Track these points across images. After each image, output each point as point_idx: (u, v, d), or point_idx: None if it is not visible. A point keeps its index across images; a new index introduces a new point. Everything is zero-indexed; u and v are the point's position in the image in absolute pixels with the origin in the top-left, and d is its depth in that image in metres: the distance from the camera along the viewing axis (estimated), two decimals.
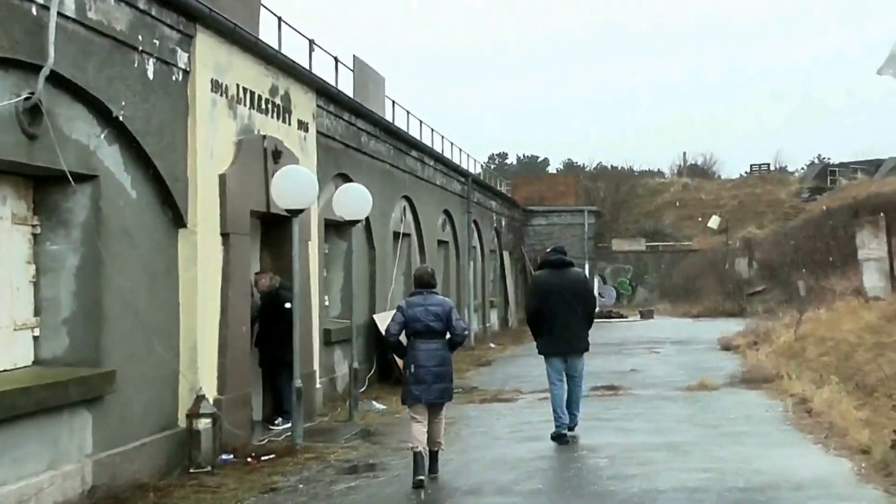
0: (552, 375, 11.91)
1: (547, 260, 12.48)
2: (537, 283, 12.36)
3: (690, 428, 12.12)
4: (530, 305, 12.28)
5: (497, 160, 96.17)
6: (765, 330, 23.12)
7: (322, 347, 15.57)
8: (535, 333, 12.09)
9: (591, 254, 45.75)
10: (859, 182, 59.04)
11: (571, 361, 11.97)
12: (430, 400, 9.56)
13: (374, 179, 18.80)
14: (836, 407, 11.86)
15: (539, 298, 11.90)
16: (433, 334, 9.60)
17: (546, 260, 12.57)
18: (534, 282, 12.65)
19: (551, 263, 12.19)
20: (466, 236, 28.89)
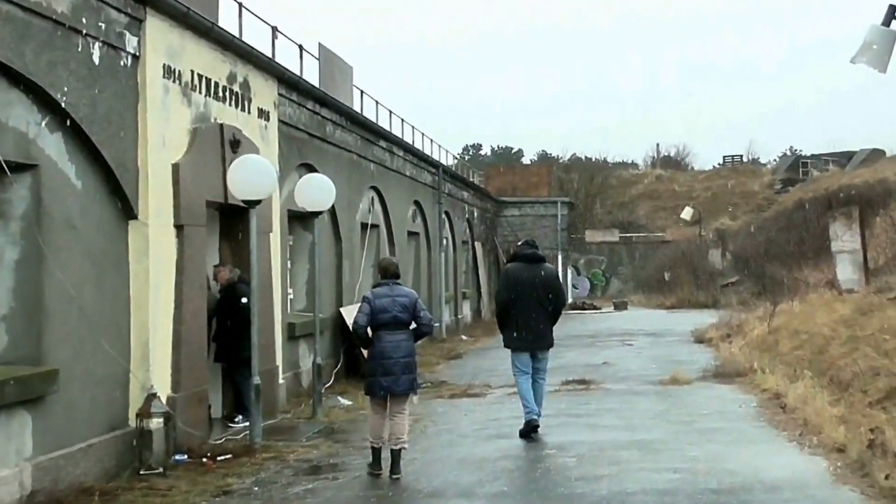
0: (518, 369, 11.76)
1: (519, 253, 12.21)
2: (508, 276, 12.10)
3: (662, 424, 11.79)
4: (500, 297, 12.05)
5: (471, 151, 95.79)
6: (738, 322, 22.88)
7: (285, 342, 15.15)
8: (502, 326, 11.94)
9: (565, 245, 45.45)
10: (831, 173, 59.05)
11: (537, 357, 11.76)
12: (399, 391, 9.47)
13: (341, 170, 18.37)
14: (810, 403, 11.56)
15: (509, 291, 11.71)
16: (400, 325, 9.52)
17: (518, 253, 12.31)
18: (505, 274, 12.35)
19: (524, 257, 11.95)
20: (437, 227, 28.49)
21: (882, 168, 48.95)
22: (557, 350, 22.62)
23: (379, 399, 9.56)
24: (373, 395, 9.62)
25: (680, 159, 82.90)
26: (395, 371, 9.43)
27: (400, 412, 9.59)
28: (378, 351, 9.50)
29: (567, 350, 22.56)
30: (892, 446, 8.49)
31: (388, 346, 9.47)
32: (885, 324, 12.96)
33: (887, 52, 11.99)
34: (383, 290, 9.69)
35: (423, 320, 9.70)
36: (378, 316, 9.49)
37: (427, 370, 19.33)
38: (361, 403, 14.50)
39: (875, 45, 11.99)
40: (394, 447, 9.49)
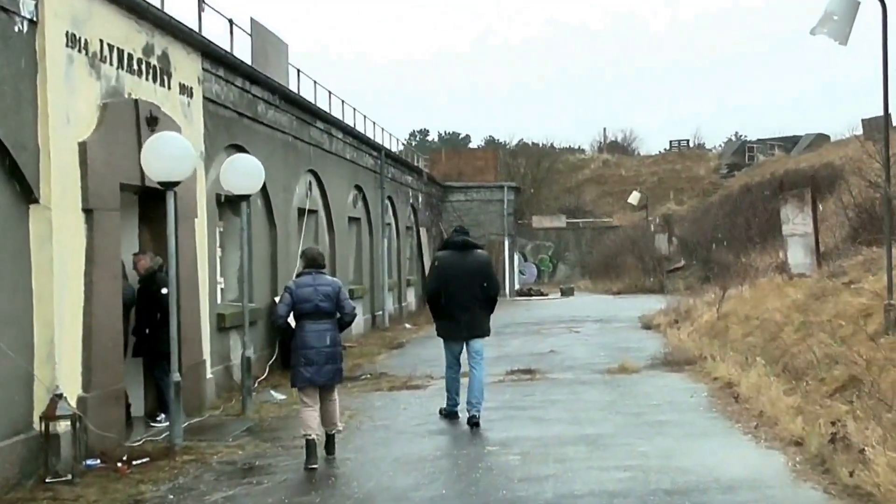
0: (448, 359, 11.62)
1: (450, 241, 11.94)
2: (438, 265, 11.78)
3: (611, 417, 11.17)
4: (429, 287, 11.88)
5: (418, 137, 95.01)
6: (686, 308, 22.42)
7: (215, 334, 14.32)
8: (435, 316, 11.78)
9: (512, 230, 44.86)
10: (777, 158, 59.29)
11: (471, 346, 11.48)
12: (322, 382, 9.44)
13: (275, 151, 17.53)
14: (764, 392, 11.01)
15: (439, 280, 11.51)
16: (323, 315, 9.48)
17: (448, 241, 12.04)
18: (434, 262, 11.86)
19: (454, 244, 11.70)
20: (380, 213, 27.69)
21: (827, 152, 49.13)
22: (502, 338, 22.27)
23: (307, 389, 9.48)
24: (298, 386, 9.56)
25: (626, 144, 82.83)
26: (317, 361, 9.36)
27: (330, 399, 9.65)
28: (301, 341, 9.43)
29: (512, 338, 21.99)
30: (855, 440, 7.91)
31: (311, 335, 9.40)
32: (840, 309, 12.44)
33: (848, 24, 11.50)
34: (306, 280, 9.64)
35: (346, 310, 9.69)
36: (300, 306, 9.43)
37: (368, 361, 18.62)
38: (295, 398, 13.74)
39: (836, 15, 11.51)
40: (329, 431, 9.67)
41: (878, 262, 13.63)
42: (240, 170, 12.64)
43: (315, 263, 9.83)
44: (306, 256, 10.06)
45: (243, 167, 12.69)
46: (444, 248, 11.89)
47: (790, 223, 17.48)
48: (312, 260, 9.89)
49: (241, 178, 12.63)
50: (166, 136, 10.36)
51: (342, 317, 9.67)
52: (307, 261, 9.92)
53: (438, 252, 11.99)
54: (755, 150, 66.14)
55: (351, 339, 22.35)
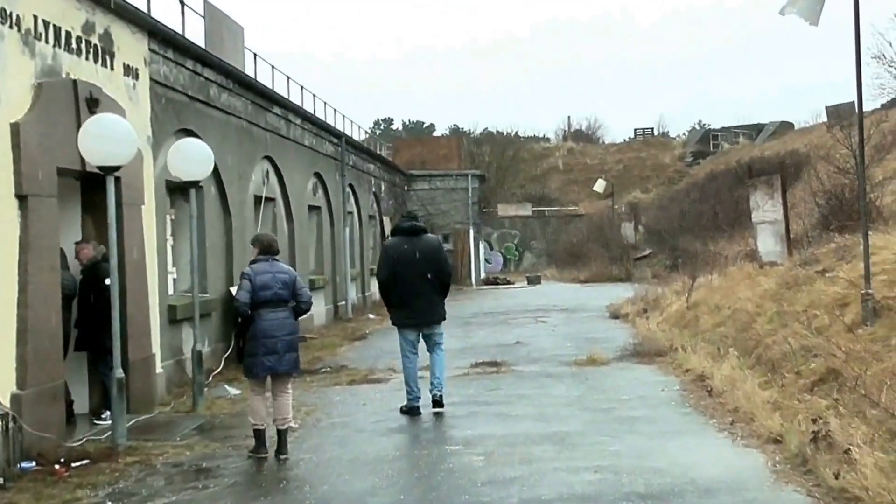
0: (404, 348, 11.40)
1: (398, 227, 11.64)
2: (387, 252, 11.49)
3: (579, 413, 10.66)
4: (380, 275, 11.49)
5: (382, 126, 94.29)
6: (654, 297, 22.01)
7: (166, 326, 13.70)
8: (388, 304, 11.55)
9: (476, 219, 44.31)
10: (741, 146, 59.25)
11: (427, 333, 11.37)
12: (282, 370, 9.23)
13: (228, 137, 16.87)
14: (738, 386, 10.55)
15: (389, 267, 11.25)
16: (281, 303, 9.28)
17: (397, 227, 11.70)
18: (384, 250, 11.69)
19: (403, 230, 11.45)
20: (341, 201, 27.04)
21: (791, 140, 49.05)
22: (467, 329, 21.75)
23: (260, 380, 9.30)
24: (254, 376, 9.28)
25: (591, 132, 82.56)
26: (278, 350, 9.16)
27: (284, 392, 9.36)
28: (261, 329, 9.16)
29: (478, 328, 21.48)
30: (839, 439, 7.45)
31: (271, 323, 9.17)
32: (814, 299, 12.01)
33: (819, 3, 11.04)
34: (263, 267, 9.37)
35: (304, 297, 9.50)
36: (259, 293, 9.16)
37: (328, 353, 18.02)
38: None
39: None
40: (280, 427, 9.23)
41: (851, 250, 13.24)
42: (188, 155, 11.98)
43: (271, 250, 9.55)
44: (261, 243, 9.71)
45: (191, 152, 12.04)
46: (393, 235, 11.57)
47: (760, 210, 17.06)
48: (269, 246, 9.58)
49: (189, 164, 11.98)
50: (105, 119, 9.70)
51: (299, 304, 9.44)
52: (262, 247, 9.58)
53: (388, 238, 11.62)
54: (719, 139, 66.06)
55: (312, 331, 21.74)
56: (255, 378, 9.31)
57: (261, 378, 9.29)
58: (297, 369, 9.57)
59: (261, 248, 9.61)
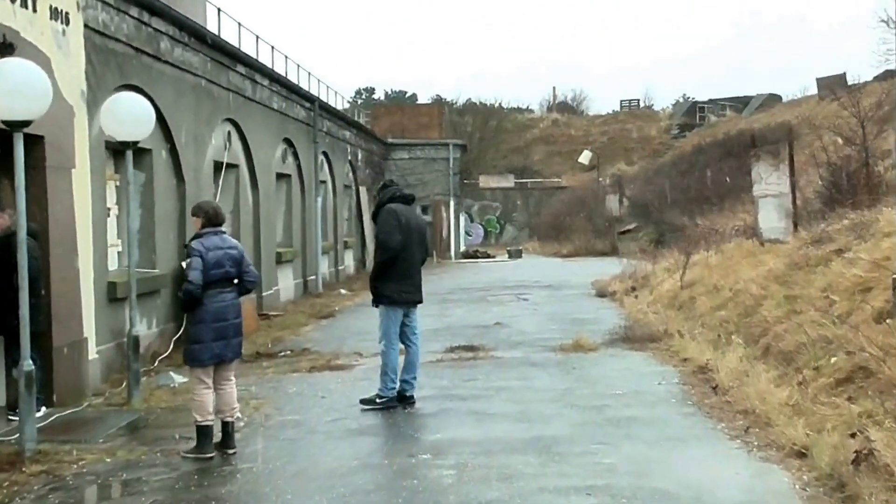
0: (392, 330, 10.02)
1: (398, 193, 10.22)
2: (398, 217, 9.97)
3: (566, 412, 9.26)
4: (393, 241, 9.86)
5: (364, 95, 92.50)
6: (643, 274, 20.69)
7: (104, 306, 12.25)
8: (384, 277, 10.02)
9: (457, 190, 42.83)
10: (728, 118, 58.06)
11: (411, 314, 10.22)
12: (230, 357, 8.30)
13: (183, 96, 15.36)
14: (749, 382, 9.21)
15: (403, 234, 9.84)
16: (230, 282, 8.29)
17: (398, 193, 10.22)
18: (394, 214, 9.98)
19: (403, 198, 10.19)
20: (313, 169, 25.51)
21: (780, 112, 47.77)
22: (445, 306, 20.30)
23: (207, 368, 8.19)
24: (201, 364, 8.16)
25: (576, 104, 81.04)
26: (228, 334, 8.21)
27: (229, 379, 8.38)
28: (210, 312, 8.10)
29: (456, 306, 20.10)
30: (887, 459, 6.09)
31: (221, 306, 8.17)
32: (831, 282, 10.65)
33: None
34: (215, 241, 8.26)
35: (251, 276, 8.48)
36: (211, 272, 8.10)
37: (292, 333, 16.62)
38: None
39: None
40: (228, 419, 8.27)
41: (870, 227, 11.89)
42: (123, 112, 10.45)
43: (218, 220, 8.44)
44: (206, 213, 8.42)
45: (128, 109, 10.51)
46: (393, 201, 10.06)
47: (762, 182, 15.68)
48: (215, 216, 8.43)
49: (125, 123, 10.45)
50: (12, 65, 8.18)
51: (245, 284, 8.42)
52: (209, 218, 8.39)
53: (391, 204, 10.04)
54: (706, 111, 64.78)
55: (277, 308, 20.33)
56: (201, 366, 8.16)
57: (208, 366, 8.19)
58: (239, 356, 8.60)
59: (206, 219, 8.38)
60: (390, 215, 9.87)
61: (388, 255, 9.81)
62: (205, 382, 8.17)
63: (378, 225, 9.93)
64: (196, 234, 8.33)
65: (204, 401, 8.12)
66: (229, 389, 8.34)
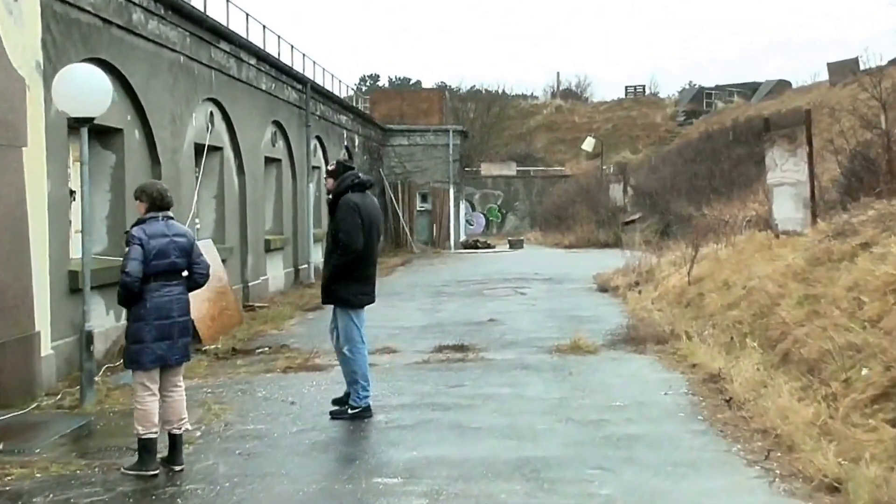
0: (358, 334, 8.96)
1: (358, 180, 9.05)
2: (360, 212, 8.88)
3: (560, 427, 8.24)
4: (356, 243, 8.78)
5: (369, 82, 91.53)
6: (647, 267, 19.66)
7: (64, 296, 11.28)
8: (348, 277, 8.84)
9: (457, 178, 41.75)
10: (736, 105, 56.87)
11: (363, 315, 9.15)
12: (175, 360, 7.34)
13: (159, 73, 14.35)
14: (768, 396, 8.21)
15: (365, 233, 8.82)
16: (176, 274, 7.36)
17: (358, 180, 9.05)
18: (355, 209, 8.89)
19: (361, 185, 9.02)
20: (305, 154, 24.48)
21: (790, 98, 46.60)
22: (438, 301, 19.25)
23: (150, 372, 7.23)
24: (142, 367, 7.20)
25: (580, 90, 79.81)
26: (172, 334, 7.25)
27: (177, 385, 7.47)
28: (153, 308, 7.17)
29: (450, 300, 19.10)
30: None
31: (166, 301, 7.23)
32: (858, 280, 9.62)
33: None
34: (159, 228, 7.29)
35: (202, 268, 7.54)
36: (154, 262, 7.17)
37: (274, 326, 15.64)
38: None
39: None
40: (175, 431, 7.35)
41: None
42: (76, 86, 9.46)
43: (164, 204, 7.42)
44: (150, 195, 7.41)
45: (82, 83, 9.51)
46: (352, 190, 8.95)
47: (778, 169, 14.62)
48: (160, 199, 7.42)
49: (78, 98, 9.47)
50: None
51: (195, 277, 7.49)
52: (153, 200, 7.39)
53: (351, 195, 8.92)
54: (713, 97, 63.55)
55: (264, 299, 19.36)
56: (142, 370, 7.19)
57: (150, 370, 7.22)
58: (188, 357, 7.60)
59: (150, 202, 7.39)
60: (353, 211, 8.79)
61: (349, 257, 8.77)
62: (148, 389, 7.21)
63: (339, 222, 8.81)
64: (138, 220, 7.36)
65: (147, 410, 7.16)
66: (177, 397, 7.41)
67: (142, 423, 7.12)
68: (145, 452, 7.13)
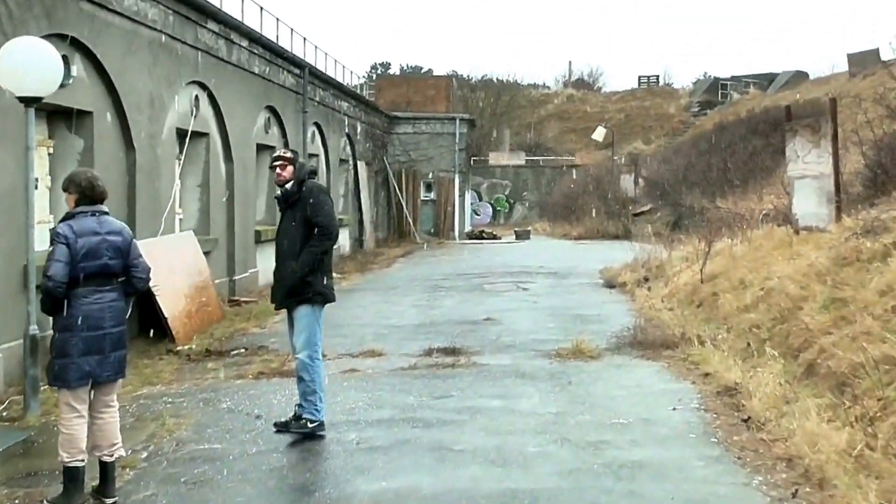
0: (318, 336, 7.98)
1: (314, 168, 8.50)
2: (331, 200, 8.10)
3: (555, 450, 7.22)
4: (336, 228, 8.02)
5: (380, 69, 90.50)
6: (657, 262, 18.63)
7: (17, 294, 10.31)
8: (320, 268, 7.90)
9: (463, 167, 40.70)
10: (752, 96, 55.61)
11: None
12: (106, 377, 6.33)
13: (136, 52, 13.40)
14: (792, 414, 7.20)
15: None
16: (110, 278, 6.34)
17: (313, 168, 8.29)
18: (328, 193, 8.19)
19: (315, 173, 8.28)
20: (302, 141, 23.49)
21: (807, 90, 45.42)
22: (434, 296, 18.19)
23: (77, 391, 6.24)
24: (67, 385, 6.22)
25: (592, 80, 78.60)
26: (103, 347, 6.25)
27: (109, 406, 6.46)
28: (81, 317, 6.18)
29: (447, 296, 18.09)
30: None
31: (96, 309, 6.22)
32: (892, 282, 8.58)
33: None
34: (88, 225, 6.28)
35: (141, 271, 6.51)
36: (82, 264, 6.18)
37: (257, 324, 14.71)
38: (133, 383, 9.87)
39: None
40: (107, 458, 6.35)
41: None
42: (19, 61, 8.51)
43: (96, 196, 6.42)
44: (79, 186, 6.40)
45: (25, 58, 8.55)
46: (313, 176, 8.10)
47: (799, 161, 13.56)
48: (91, 189, 6.41)
49: (23, 75, 8.52)
50: None
51: (132, 281, 6.46)
52: (82, 191, 6.38)
53: (317, 181, 8.13)
54: (728, 88, 62.27)
55: (253, 292, 18.42)
56: (68, 388, 6.22)
57: (77, 388, 6.23)
58: (123, 373, 6.54)
59: (79, 193, 6.39)
60: (327, 195, 7.99)
61: (329, 244, 7.89)
62: (75, 409, 6.24)
63: (315, 207, 7.82)
64: (66, 215, 6.37)
65: (73, 434, 6.20)
66: (109, 419, 6.43)
67: (66, 449, 6.17)
68: (70, 482, 6.19)
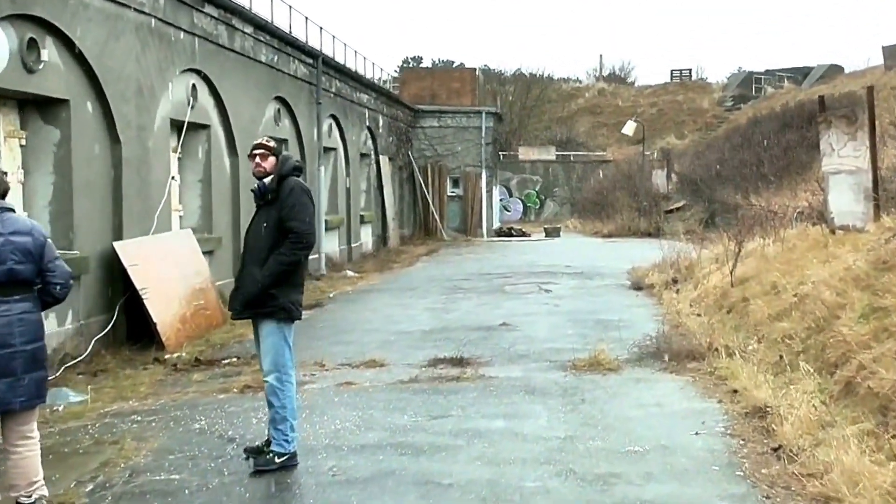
0: (288, 357, 7.06)
1: (300, 163, 7.33)
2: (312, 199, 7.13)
3: (556, 485, 6.25)
4: (313, 235, 7.04)
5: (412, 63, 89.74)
6: (687, 262, 17.60)
7: None
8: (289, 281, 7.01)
9: (490, 162, 39.71)
10: (787, 90, 54.21)
11: None
12: (20, 403, 5.46)
13: (122, 38, 12.58)
14: (829, 442, 6.21)
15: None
16: (18, 286, 5.52)
17: (299, 162, 7.26)
18: (309, 194, 7.09)
19: (300, 169, 7.22)
20: (315, 134, 22.62)
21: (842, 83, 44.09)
22: (451, 298, 17.21)
23: None
24: None
25: (624, 74, 77.20)
26: (14, 368, 5.41)
27: (27, 437, 5.60)
28: None
29: (464, 298, 17.15)
30: None
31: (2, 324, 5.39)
32: None
33: None
34: None
35: (57, 276, 5.69)
36: None
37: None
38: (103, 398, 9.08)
39: None
40: (24, 499, 5.56)
41: None
42: None
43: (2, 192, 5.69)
44: None
45: None
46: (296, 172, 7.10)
47: (835, 155, 12.50)
48: None
49: None
50: None
51: (48, 288, 5.68)
52: None
53: (298, 178, 7.10)
54: (763, 82, 60.80)
55: None
56: None
57: None
58: (42, 399, 5.67)
59: None
60: (308, 197, 6.99)
61: (304, 253, 6.98)
62: None
63: (289, 209, 6.79)
64: None
65: None
66: (28, 453, 5.58)
67: None
68: None
